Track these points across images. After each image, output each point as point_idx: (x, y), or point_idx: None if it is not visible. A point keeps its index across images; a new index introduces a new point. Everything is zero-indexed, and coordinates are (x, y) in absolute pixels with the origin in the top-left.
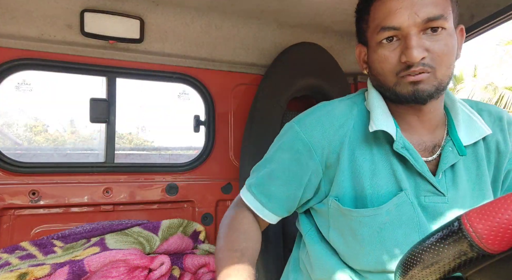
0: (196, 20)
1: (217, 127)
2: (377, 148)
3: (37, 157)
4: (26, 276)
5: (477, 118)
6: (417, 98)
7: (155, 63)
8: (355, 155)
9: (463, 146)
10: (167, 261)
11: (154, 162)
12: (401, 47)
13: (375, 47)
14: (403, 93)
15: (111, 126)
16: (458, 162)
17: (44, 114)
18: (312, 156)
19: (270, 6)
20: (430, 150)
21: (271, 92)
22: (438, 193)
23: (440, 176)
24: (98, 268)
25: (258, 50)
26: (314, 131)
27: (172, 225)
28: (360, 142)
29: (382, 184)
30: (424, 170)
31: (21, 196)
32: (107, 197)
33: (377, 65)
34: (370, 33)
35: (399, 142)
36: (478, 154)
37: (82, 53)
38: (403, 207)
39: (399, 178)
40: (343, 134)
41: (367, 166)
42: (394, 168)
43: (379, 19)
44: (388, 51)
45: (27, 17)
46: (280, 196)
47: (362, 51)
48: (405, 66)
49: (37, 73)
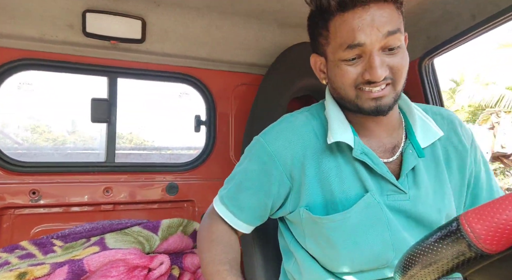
0: (197, 21)
1: (218, 127)
2: (341, 154)
3: (38, 156)
4: (26, 276)
5: (430, 122)
6: (379, 112)
7: (156, 63)
8: (320, 163)
9: (421, 148)
10: (166, 260)
11: (154, 161)
12: (364, 65)
13: (337, 62)
14: (365, 107)
15: (112, 126)
16: (418, 163)
17: (45, 114)
18: (277, 166)
19: (270, 6)
20: (390, 151)
21: (272, 92)
22: (400, 191)
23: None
24: (98, 267)
25: (258, 50)
26: (278, 143)
27: (172, 225)
28: (324, 150)
29: (349, 188)
30: (383, 171)
31: (21, 195)
32: (107, 197)
33: (339, 79)
34: (332, 49)
35: (358, 149)
36: (435, 154)
37: (83, 54)
38: (371, 207)
39: (364, 181)
40: (305, 145)
41: (334, 172)
42: (358, 171)
43: (343, 38)
44: (351, 68)
45: (28, 17)
46: (250, 205)
47: (318, 61)
48: (366, 81)
49: (38, 73)
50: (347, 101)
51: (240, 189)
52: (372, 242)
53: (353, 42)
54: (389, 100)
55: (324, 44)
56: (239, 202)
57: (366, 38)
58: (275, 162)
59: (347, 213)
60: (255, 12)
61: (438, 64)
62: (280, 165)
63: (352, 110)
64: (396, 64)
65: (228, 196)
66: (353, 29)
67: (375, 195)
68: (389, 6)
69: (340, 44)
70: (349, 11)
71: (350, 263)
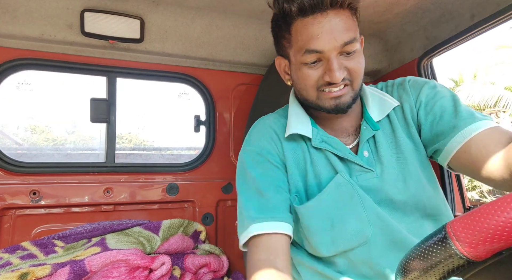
0: (196, 20)
1: (218, 127)
2: (309, 142)
3: (38, 157)
4: (27, 276)
5: (385, 97)
6: (338, 110)
7: (156, 63)
8: (295, 152)
9: (375, 122)
10: (167, 261)
11: (154, 161)
12: (323, 68)
13: (299, 65)
14: (325, 106)
15: (111, 126)
16: (379, 137)
17: (44, 114)
18: (272, 157)
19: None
20: (353, 134)
21: (272, 92)
22: (367, 170)
23: (367, 154)
24: (99, 268)
25: (258, 50)
26: (260, 141)
27: (172, 225)
28: (294, 141)
29: (321, 172)
30: (346, 153)
31: (22, 196)
32: (107, 197)
33: (301, 81)
34: (294, 52)
35: (316, 139)
36: (392, 124)
37: (82, 53)
38: (341, 186)
39: (333, 163)
40: (279, 137)
41: (307, 159)
42: (328, 157)
43: (303, 42)
44: (311, 70)
45: (27, 17)
46: (280, 203)
47: (282, 63)
48: (327, 82)
49: (37, 73)
50: (310, 102)
51: (261, 193)
52: (348, 220)
53: (312, 48)
54: (348, 99)
55: (287, 47)
56: (270, 204)
57: (325, 46)
58: (267, 155)
59: (320, 196)
60: (255, 12)
61: (437, 63)
62: (272, 155)
63: (315, 109)
64: (353, 67)
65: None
66: (312, 36)
67: (345, 175)
68: (345, 13)
69: (300, 48)
70: (309, 17)
71: (332, 245)
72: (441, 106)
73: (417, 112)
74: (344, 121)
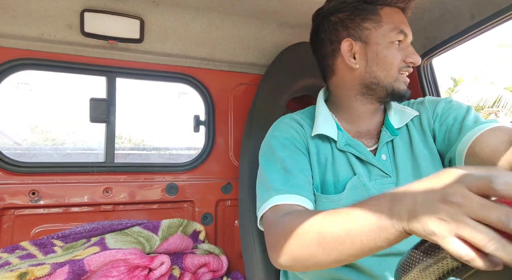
0: (196, 20)
1: (217, 127)
2: (334, 144)
3: (37, 156)
4: (26, 276)
5: (406, 109)
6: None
7: (155, 63)
8: (318, 149)
9: (395, 128)
10: (167, 260)
11: (154, 161)
12: (404, 51)
13: (387, 44)
14: (399, 89)
15: (111, 126)
16: (397, 143)
17: (44, 114)
18: (300, 144)
19: (270, 6)
20: (374, 137)
21: (271, 92)
22: (385, 175)
23: (384, 157)
24: (98, 267)
25: (258, 50)
26: (289, 131)
27: (172, 225)
28: (319, 139)
29: (340, 171)
30: (369, 157)
31: (21, 195)
32: (107, 197)
33: (389, 60)
34: (383, 32)
35: (341, 141)
36: (410, 133)
37: (82, 53)
38: (356, 189)
39: (353, 165)
40: (306, 133)
41: (329, 157)
42: (349, 158)
43: (396, 23)
44: (397, 51)
45: (27, 17)
46: (305, 182)
47: (355, 45)
48: (406, 65)
49: (36, 73)
50: (384, 84)
51: (288, 171)
52: None
53: (403, 30)
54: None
55: (371, 28)
56: (295, 181)
57: (408, 33)
58: (295, 142)
59: (339, 196)
60: (255, 12)
61: (437, 63)
62: (299, 143)
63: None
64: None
65: (281, 182)
66: (401, 21)
67: (362, 178)
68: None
69: (394, 27)
70: (395, 7)
71: None
72: (454, 117)
73: (434, 124)
74: (371, 123)
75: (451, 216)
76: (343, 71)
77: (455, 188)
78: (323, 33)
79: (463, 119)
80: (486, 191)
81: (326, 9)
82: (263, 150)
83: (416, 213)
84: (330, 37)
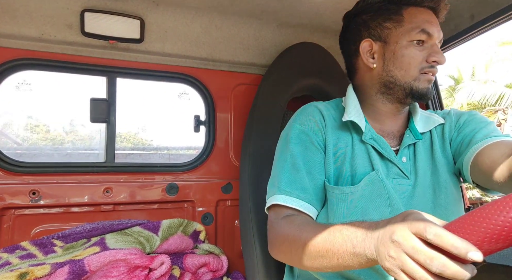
0: (196, 20)
1: (217, 127)
2: (356, 135)
3: (37, 156)
4: (26, 276)
5: (433, 115)
6: (429, 94)
7: (155, 63)
8: (337, 140)
9: (419, 132)
10: (167, 260)
11: (154, 161)
12: (428, 50)
13: (407, 44)
14: (420, 88)
15: (111, 126)
16: (418, 147)
17: (45, 114)
18: (317, 138)
19: (270, 6)
20: (397, 138)
21: (271, 92)
22: (404, 176)
23: (405, 160)
24: (99, 267)
25: (258, 50)
26: (309, 123)
27: (172, 225)
28: (341, 130)
29: (358, 165)
30: (391, 155)
31: (21, 195)
32: (107, 197)
33: (406, 59)
34: (402, 31)
35: (367, 134)
36: (432, 139)
37: (82, 53)
38: (374, 184)
39: (373, 161)
40: (327, 123)
41: (347, 150)
42: (369, 153)
43: (418, 23)
44: (418, 51)
45: (27, 17)
46: (310, 185)
47: (374, 45)
48: (429, 65)
49: (37, 73)
50: (404, 82)
51: (296, 170)
52: (372, 214)
53: (426, 29)
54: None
55: (392, 27)
56: (300, 183)
57: (434, 32)
58: (312, 136)
59: (355, 187)
60: (255, 12)
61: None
62: (317, 137)
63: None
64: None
65: (286, 182)
66: (426, 20)
67: (380, 174)
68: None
69: (416, 27)
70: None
71: None
72: (471, 129)
73: (452, 134)
74: (395, 125)
75: (396, 253)
76: (363, 70)
77: (401, 229)
78: (349, 33)
79: (477, 132)
80: (422, 236)
81: (353, 11)
82: (282, 137)
83: (378, 250)
84: (354, 37)
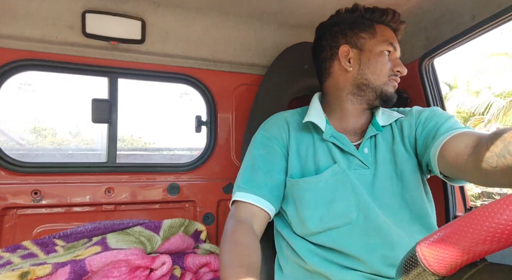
0: (197, 21)
1: (219, 128)
2: (317, 135)
3: (40, 157)
4: (28, 275)
5: (392, 113)
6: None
7: (157, 64)
8: (300, 141)
9: (380, 125)
10: (168, 260)
11: (155, 162)
12: (393, 61)
13: (379, 53)
14: (388, 91)
15: (113, 127)
16: (379, 139)
17: (48, 115)
18: (277, 143)
19: (270, 6)
20: (359, 134)
21: (272, 92)
22: (364, 166)
23: (367, 151)
24: (100, 267)
25: (259, 51)
26: (273, 128)
27: (173, 225)
28: (303, 132)
29: (321, 160)
30: (351, 149)
31: (23, 195)
32: (108, 197)
33: (379, 66)
34: (375, 42)
35: (328, 133)
36: (393, 132)
37: (83, 54)
38: (337, 174)
39: (334, 155)
40: (290, 127)
41: (309, 147)
42: (330, 149)
43: (387, 37)
44: (386, 60)
45: (28, 18)
46: (266, 183)
47: (351, 51)
48: (394, 73)
49: (39, 74)
50: (373, 86)
51: (254, 170)
52: (337, 202)
53: (393, 43)
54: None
55: (367, 37)
56: (256, 181)
57: (397, 47)
58: (274, 141)
59: (317, 177)
60: (256, 13)
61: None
62: (278, 142)
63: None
64: None
65: (244, 181)
66: (392, 36)
67: (342, 165)
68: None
69: (386, 40)
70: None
71: (319, 221)
72: (435, 123)
73: (416, 130)
74: (358, 122)
75: None
76: (338, 73)
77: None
78: (325, 40)
79: (441, 125)
80: None
81: (329, 22)
82: (250, 144)
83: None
84: (330, 43)
